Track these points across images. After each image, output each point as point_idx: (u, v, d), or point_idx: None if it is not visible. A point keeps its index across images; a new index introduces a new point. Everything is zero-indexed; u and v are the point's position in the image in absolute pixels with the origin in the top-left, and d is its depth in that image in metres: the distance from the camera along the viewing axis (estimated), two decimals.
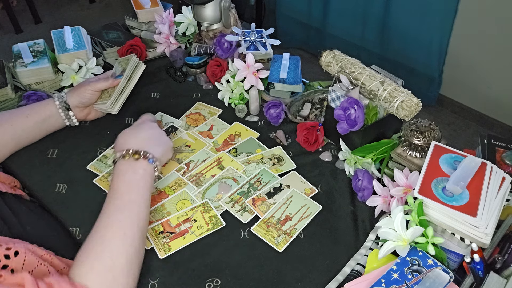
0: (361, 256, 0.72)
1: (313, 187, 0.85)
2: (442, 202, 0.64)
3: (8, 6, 2.93)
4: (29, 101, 1.00)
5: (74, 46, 1.09)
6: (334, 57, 0.90)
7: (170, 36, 1.19)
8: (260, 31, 1.09)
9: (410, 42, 2.17)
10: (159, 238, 0.76)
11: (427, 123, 0.80)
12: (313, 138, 0.90)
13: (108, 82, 0.94)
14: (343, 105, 0.84)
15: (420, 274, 0.61)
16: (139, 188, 0.73)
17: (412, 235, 0.63)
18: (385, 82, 0.82)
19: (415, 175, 0.74)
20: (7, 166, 0.90)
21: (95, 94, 0.95)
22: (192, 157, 0.92)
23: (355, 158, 0.84)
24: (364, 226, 0.78)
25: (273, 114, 0.97)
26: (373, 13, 2.25)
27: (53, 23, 3.15)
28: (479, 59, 2.04)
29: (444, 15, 2.00)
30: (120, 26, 1.31)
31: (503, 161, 0.80)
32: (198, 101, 1.07)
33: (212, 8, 1.12)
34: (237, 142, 0.95)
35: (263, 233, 0.76)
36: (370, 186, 0.79)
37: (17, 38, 2.97)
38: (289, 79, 1.00)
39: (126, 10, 2.20)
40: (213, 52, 1.15)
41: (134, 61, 0.98)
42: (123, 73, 0.96)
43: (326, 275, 0.70)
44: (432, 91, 2.24)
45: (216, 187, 0.85)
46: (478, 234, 0.62)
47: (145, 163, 0.76)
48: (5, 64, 1.09)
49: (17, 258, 0.57)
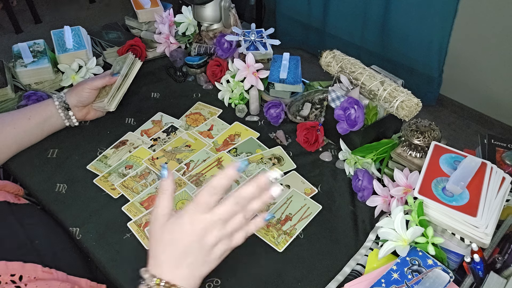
0: (361, 256, 0.72)
1: (313, 187, 0.85)
2: (442, 202, 0.64)
3: (8, 6, 2.93)
4: (29, 101, 1.00)
5: (74, 46, 1.09)
6: (334, 57, 0.90)
7: (170, 36, 1.19)
8: (260, 31, 1.09)
9: (410, 42, 2.17)
10: None
11: (427, 123, 0.80)
12: (313, 138, 0.90)
13: (105, 80, 0.94)
14: (343, 105, 0.84)
15: (420, 274, 0.61)
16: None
17: (412, 235, 0.63)
18: (385, 82, 0.82)
19: (415, 175, 0.74)
20: (7, 166, 0.90)
21: (93, 92, 0.94)
22: (192, 157, 0.92)
23: (355, 158, 0.84)
24: (364, 226, 0.78)
25: (273, 114, 0.97)
26: (373, 13, 2.25)
27: (53, 23, 3.15)
28: (479, 59, 2.04)
29: (444, 15, 2.00)
30: (120, 26, 1.31)
31: (503, 161, 0.80)
32: (198, 101, 1.07)
33: (212, 8, 1.12)
34: (237, 142, 0.95)
35: (263, 233, 0.76)
36: (370, 186, 0.79)
37: (17, 38, 2.97)
38: (289, 79, 1.00)
39: (126, 10, 2.21)
40: (213, 52, 1.15)
41: (130, 58, 0.99)
42: (121, 71, 0.96)
43: (326, 275, 0.70)
44: (432, 91, 2.24)
45: None
46: (478, 234, 0.62)
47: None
48: (5, 64, 1.09)
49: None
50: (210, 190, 0.54)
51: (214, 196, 0.54)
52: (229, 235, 0.56)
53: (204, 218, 0.54)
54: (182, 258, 0.55)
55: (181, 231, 0.55)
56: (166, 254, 0.55)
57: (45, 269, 0.64)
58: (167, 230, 0.56)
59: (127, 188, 0.85)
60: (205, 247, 0.55)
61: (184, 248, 0.55)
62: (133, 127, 1.00)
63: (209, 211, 0.54)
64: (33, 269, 0.62)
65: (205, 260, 0.56)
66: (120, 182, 0.86)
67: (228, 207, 0.55)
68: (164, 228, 0.56)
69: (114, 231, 0.77)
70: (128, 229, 0.77)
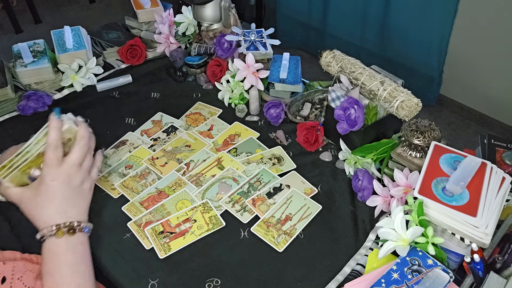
0: (361, 256, 0.72)
1: (313, 187, 0.85)
2: (442, 202, 0.64)
3: (8, 6, 2.93)
4: (29, 101, 1.00)
5: (74, 46, 1.09)
6: (334, 57, 0.90)
7: (170, 36, 1.19)
8: (260, 31, 1.09)
9: (410, 42, 2.17)
10: (159, 238, 0.76)
11: (427, 123, 0.80)
12: (313, 138, 0.90)
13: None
14: (343, 105, 0.84)
15: (420, 274, 0.61)
16: (84, 269, 0.66)
17: (412, 235, 0.63)
18: (385, 82, 0.82)
19: (415, 175, 0.74)
20: None
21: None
22: (192, 157, 0.92)
23: (355, 158, 0.84)
24: (364, 226, 0.78)
25: (273, 114, 0.97)
26: (373, 13, 2.25)
27: (53, 23, 3.15)
28: (479, 59, 2.04)
29: (444, 15, 2.00)
30: (120, 26, 1.31)
31: (503, 161, 0.80)
32: (198, 101, 1.07)
33: (212, 8, 1.12)
34: (237, 142, 0.95)
35: (263, 233, 0.76)
36: (370, 186, 0.79)
37: (17, 38, 2.97)
38: (289, 79, 1.00)
39: (126, 10, 2.21)
40: (213, 52, 1.15)
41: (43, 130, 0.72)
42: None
43: (326, 275, 0.70)
44: (432, 91, 2.24)
45: (216, 187, 0.85)
46: (478, 234, 0.62)
47: (82, 235, 0.68)
48: (5, 64, 1.09)
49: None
50: (52, 147, 0.67)
51: (57, 149, 0.68)
52: (87, 173, 0.73)
53: (61, 169, 0.68)
54: (63, 204, 0.68)
55: (50, 188, 0.67)
56: (50, 208, 0.67)
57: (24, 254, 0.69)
58: (38, 193, 0.67)
59: (127, 188, 0.85)
60: (76, 188, 0.70)
61: (61, 197, 0.68)
62: (133, 127, 1.00)
63: (62, 163, 0.69)
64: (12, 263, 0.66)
65: (81, 196, 0.71)
66: (120, 182, 0.86)
67: (78, 153, 0.70)
68: (34, 192, 0.67)
69: (114, 231, 0.77)
70: (128, 229, 0.77)
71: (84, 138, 0.71)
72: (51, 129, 0.67)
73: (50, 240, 0.65)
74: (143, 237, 0.76)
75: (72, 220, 0.67)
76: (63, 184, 0.68)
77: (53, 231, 0.65)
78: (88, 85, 1.11)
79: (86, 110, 1.04)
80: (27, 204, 0.68)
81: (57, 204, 0.67)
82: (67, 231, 0.66)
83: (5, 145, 0.79)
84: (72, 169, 0.70)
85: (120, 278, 0.70)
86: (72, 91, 1.10)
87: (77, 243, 0.67)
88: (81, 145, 0.71)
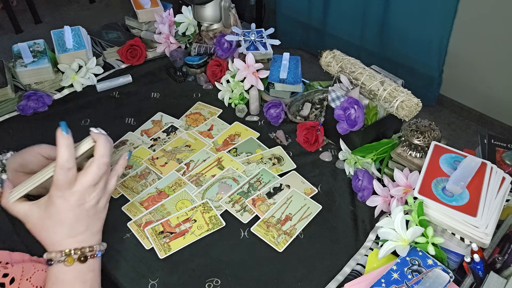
0: (361, 256, 0.72)
1: (313, 187, 0.85)
2: (442, 202, 0.64)
3: (8, 6, 2.93)
4: (29, 101, 1.00)
5: (74, 46, 1.09)
6: (334, 57, 0.90)
7: (170, 36, 1.19)
8: (260, 31, 1.09)
9: (410, 42, 2.17)
10: (159, 238, 0.76)
11: (427, 123, 0.80)
12: (313, 138, 0.90)
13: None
14: (343, 105, 0.84)
15: (420, 274, 0.61)
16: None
17: (412, 235, 0.63)
18: (385, 82, 0.82)
19: (415, 175, 0.74)
20: None
21: (39, 158, 0.68)
22: (192, 157, 0.92)
23: (355, 158, 0.84)
24: (364, 226, 0.78)
25: (273, 114, 0.97)
26: (373, 13, 2.25)
27: (53, 23, 3.15)
28: (479, 59, 2.04)
29: (444, 15, 2.00)
30: (120, 26, 1.31)
31: (503, 161, 0.80)
32: (198, 101, 1.07)
33: (212, 8, 1.12)
34: (237, 142, 0.95)
35: (263, 233, 0.76)
36: (370, 186, 0.79)
37: (17, 38, 2.97)
38: (289, 79, 1.00)
39: (126, 10, 2.20)
40: (213, 52, 1.15)
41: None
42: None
43: (326, 275, 0.70)
44: (432, 91, 2.24)
45: (216, 187, 0.85)
46: (478, 234, 0.62)
47: (93, 262, 0.61)
48: (5, 64, 1.09)
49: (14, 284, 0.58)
50: (64, 170, 0.56)
51: (69, 171, 0.57)
52: (103, 190, 0.62)
53: (73, 191, 0.58)
54: (75, 228, 0.59)
55: (60, 212, 0.58)
56: (59, 233, 0.59)
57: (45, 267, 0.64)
58: (46, 216, 0.58)
59: (127, 188, 0.85)
60: (89, 210, 0.60)
61: (72, 221, 0.59)
62: (133, 127, 1.00)
63: (74, 184, 0.58)
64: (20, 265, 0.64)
65: (95, 216, 0.62)
66: (120, 182, 0.86)
67: (95, 175, 0.59)
68: (42, 215, 0.59)
69: (114, 231, 0.77)
70: (128, 229, 0.77)
71: (104, 157, 0.60)
72: (60, 147, 0.56)
73: (58, 267, 0.58)
74: (143, 237, 0.76)
75: (84, 246, 0.60)
76: (75, 208, 0.59)
77: (62, 257, 0.58)
78: (88, 85, 1.11)
79: (86, 110, 1.04)
80: (34, 225, 0.59)
81: (67, 228, 0.59)
82: (78, 259, 0.59)
83: (5, 145, 0.79)
84: (87, 191, 0.59)
85: (120, 278, 0.70)
86: (72, 91, 1.10)
87: (87, 271, 0.60)
88: (100, 165, 0.59)
